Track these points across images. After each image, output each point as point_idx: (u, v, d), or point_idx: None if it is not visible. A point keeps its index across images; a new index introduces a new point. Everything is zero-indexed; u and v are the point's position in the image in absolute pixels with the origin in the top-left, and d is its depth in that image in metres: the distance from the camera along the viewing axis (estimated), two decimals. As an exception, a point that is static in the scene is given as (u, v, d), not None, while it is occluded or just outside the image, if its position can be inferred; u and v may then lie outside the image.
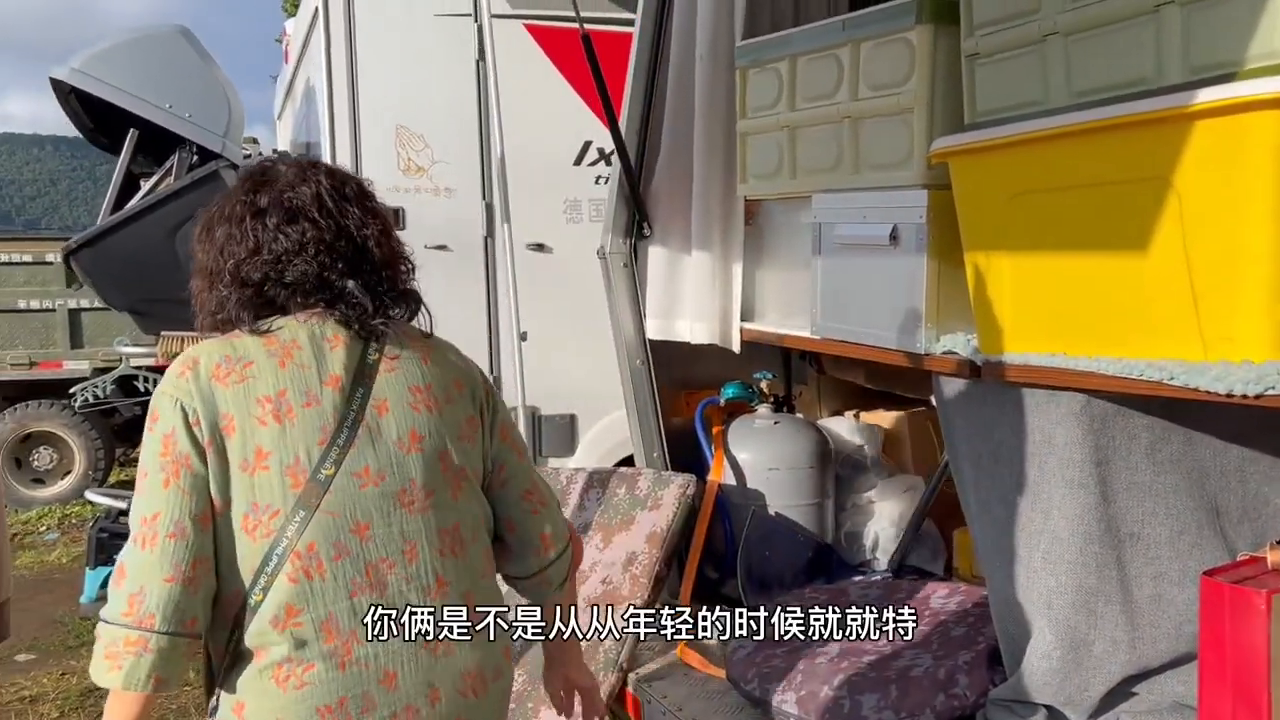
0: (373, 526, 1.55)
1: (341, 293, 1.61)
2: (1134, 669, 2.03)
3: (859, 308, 2.47)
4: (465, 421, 1.69)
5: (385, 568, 1.55)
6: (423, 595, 1.57)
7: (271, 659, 1.51)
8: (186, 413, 1.52)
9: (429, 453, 1.61)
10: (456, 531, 1.62)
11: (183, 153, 5.16)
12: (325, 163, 1.78)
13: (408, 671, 1.54)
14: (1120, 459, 1.98)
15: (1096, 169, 1.79)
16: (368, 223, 1.67)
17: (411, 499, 1.58)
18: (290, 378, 1.56)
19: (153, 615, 1.46)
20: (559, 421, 4.71)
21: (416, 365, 1.66)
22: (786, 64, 2.65)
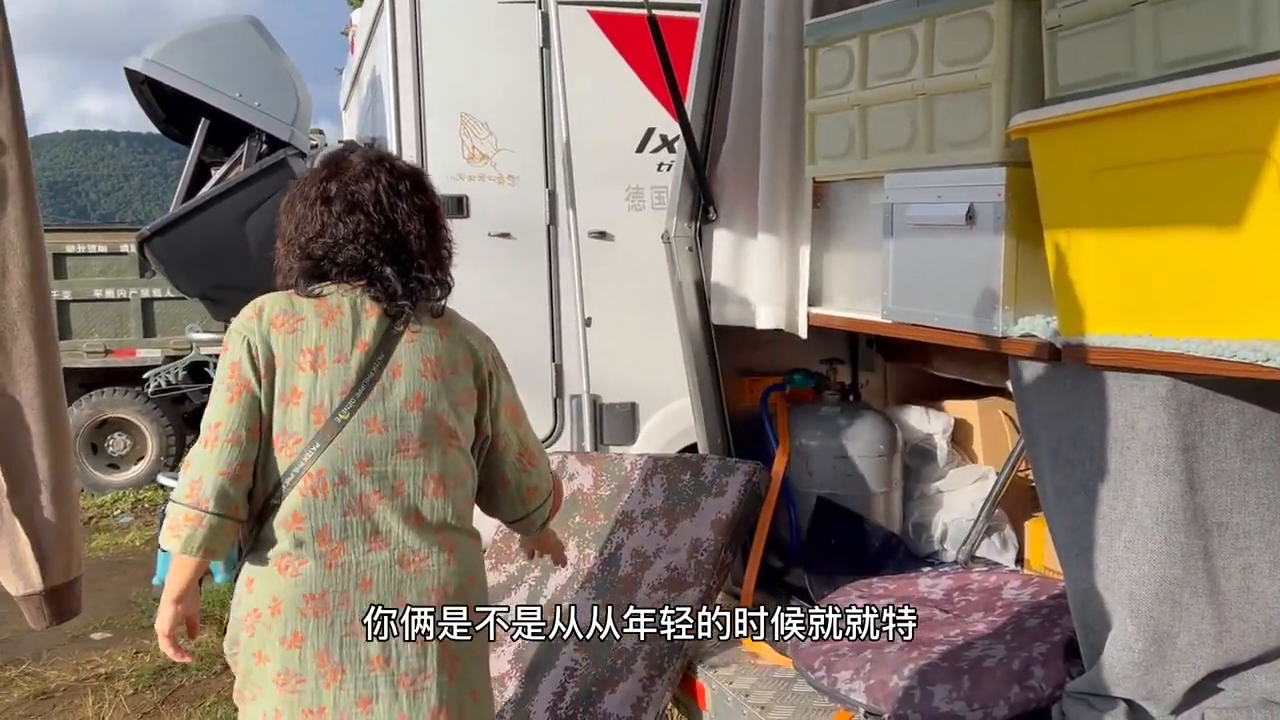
0: (372, 464, 1.92)
1: (380, 276, 1.97)
2: (1220, 663, 1.95)
3: (933, 290, 2.41)
4: (464, 392, 2.04)
5: (375, 498, 1.92)
6: (403, 524, 1.94)
7: (278, 550, 1.91)
8: (251, 347, 1.91)
9: (428, 413, 1.97)
10: (441, 479, 1.98)
11: (252, 141, 5.23)
12: (390, 157, 2.10)
13: (381, 580, 1.92)
14: (1209, 445, 1.90)
15: (1188, 142, 1.72)
16: (414, 217, 2.01)
17: (407, 447, 1.95)
18: (330, 336, 1.94)
19: (208, 500, 1.85)
20: (620, 410, 4.71)
21: (433, 340, 2.02)
22: (857, 42, 2.59)
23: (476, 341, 2.11)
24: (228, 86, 5.14)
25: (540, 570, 3.06)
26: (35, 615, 1.53)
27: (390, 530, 1.93)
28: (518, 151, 4.63)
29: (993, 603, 2.59)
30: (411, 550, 1.95)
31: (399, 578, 1.93)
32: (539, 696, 2.71)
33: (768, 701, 2.42)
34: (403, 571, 1.94)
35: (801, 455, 3.10)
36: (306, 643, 1.89)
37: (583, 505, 3.16)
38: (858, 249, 2.92)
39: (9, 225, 1.37)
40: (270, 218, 5.55)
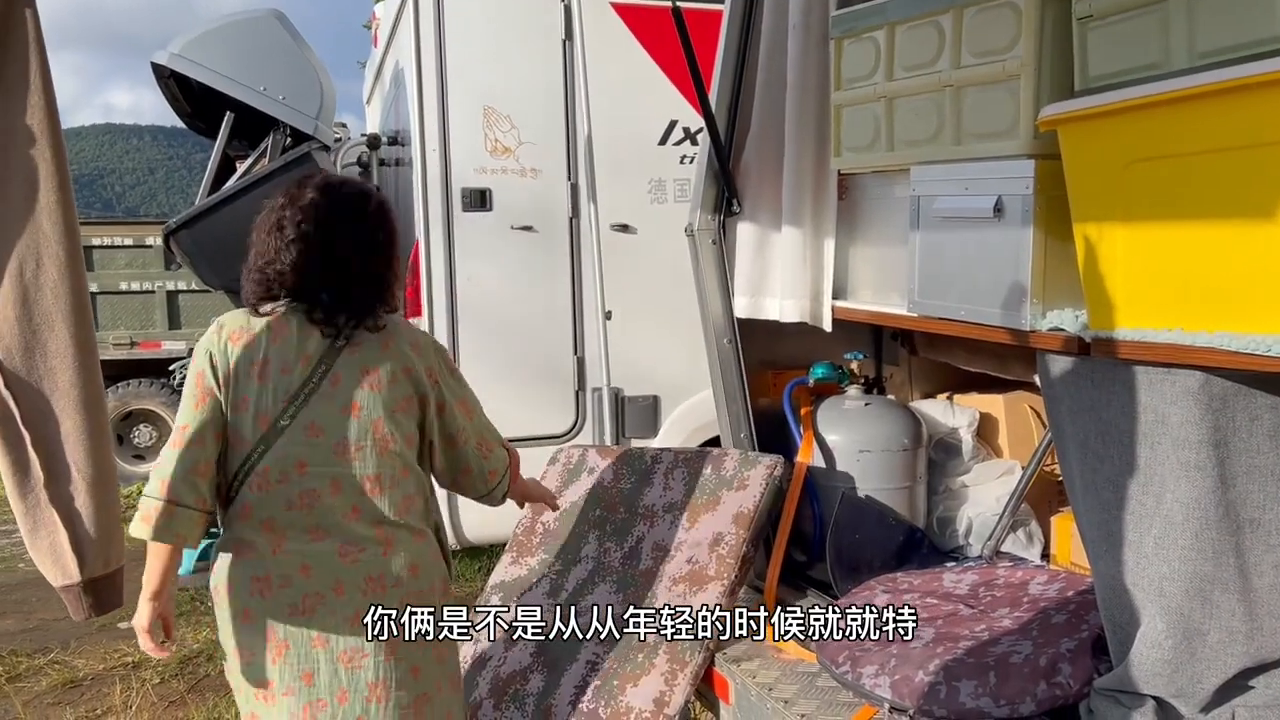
0: (310, 465, 2.15)
1: (317, 299, 2.20)
2: (1251, 661, 1.93)
3: (959, 284, 2.40)
4: (403, 400, 2.23)
5: (315, 495, 2.15)
6: (342, 519, 2.16)
7: (233, 536, 2.18)
8: (212, 358, 2.17)
9: (364, 419, 2.18)
10: (377, 479, 2.19)
11: (276, 135, 5.25)
12: (340, 186, 2.29)
13: (319, 568, 2.14)
14: (1241, 441, 1.88)
15: (1222, 134, 1.70)
16: (350, 246, 2.22)
17: (344, 450, 2.17)
18: (276, 350, 2.17)
19: (176, 493, 2.09)
20: (642, 403, 4.71)
21: (374, 352, 2.22)
22: (884, 33, 2.57)
23: (418, 353, 2.28)
24: (252, 80, 5.16)
25: (562, 564, 3.06)
26: (75, 606, 1.54)
27: (329, 524, 2.15)
28: (540, 144, 4.63)
29: (1019, 598, 2.57)
30: (349, 543, 2.16)
31: (337, 566, 2.15)
32: (561, 690, 2.71)
33: (791, 696, 2.41)
34: (340, 561, 2.15)
35: (825, 449, 3.08)
36: (255, 618, 2.15)
37: (603, 498, 3.16)
38: (883, 242, 2.90)
39: (42, 216, 1.38)
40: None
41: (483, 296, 4.57)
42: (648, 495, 3.09)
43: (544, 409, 4.64)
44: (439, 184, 4.49)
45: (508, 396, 4.60)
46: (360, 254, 2.22)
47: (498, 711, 2.75)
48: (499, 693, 2.78)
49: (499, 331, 4.60)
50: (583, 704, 2.65)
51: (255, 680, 2.17)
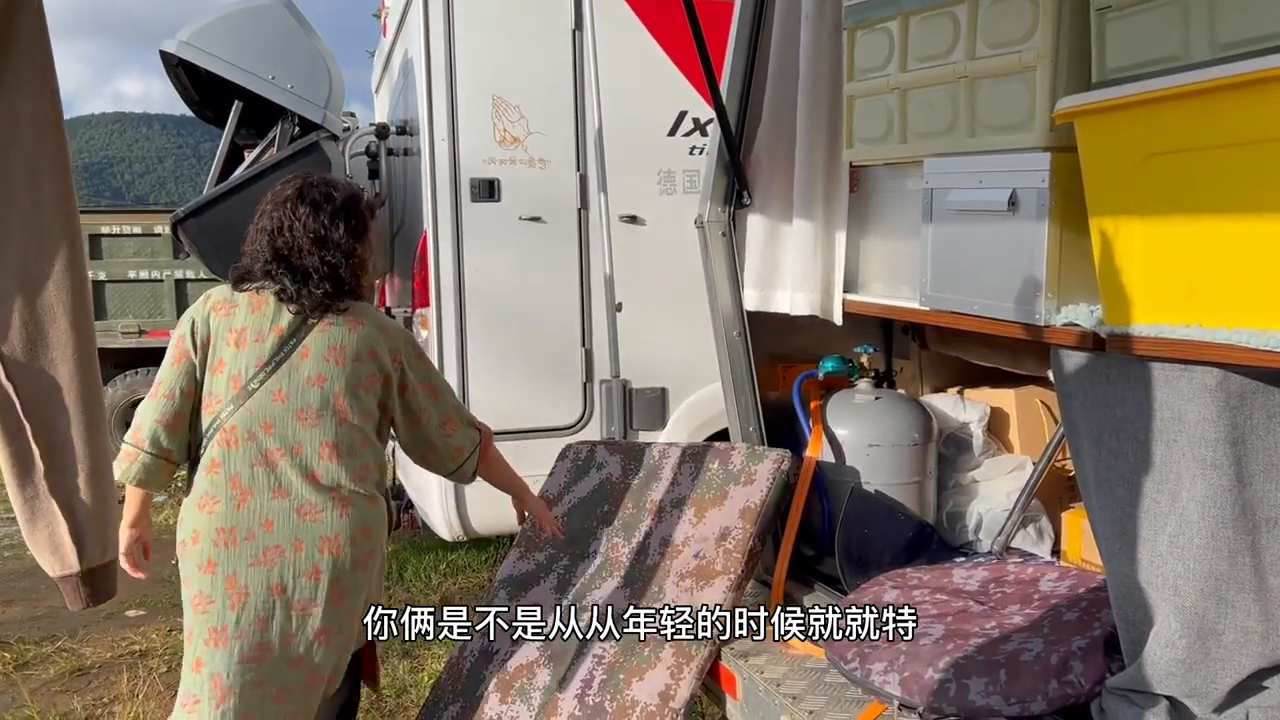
0: (275, 427, 2.37)
1: (281, 284, 2.43)
2: (1266, 661, 1.91)
3: (972, 277, 2.37)
4: (367, 377, 2.45)
5: (277, 455, 2.36)
6: (302, 480, 2.37)
7: (200, 490, 2.38)
8: (194, 325, 2.43)
9: (326, 390, 2.40)
10: (335, 447, 2.40)
11: (285, 124, 5.23)
12: (310, 184, 2.50)
13: (281, 524, 2.35)
14: (1258, 439, 1.85)
15: (1243, 127, 1.67)
16: (313, 240, 2.42)
17: (306, 417, 2.38)
18: (253, 321, 2.41)
19: (144, 441, 2.36)
20: (649, 395, 4.69)
21: (344, 332, 2.44)
22: (898, 23, 2.54)
23: (385, 336, 2.50)
24: (261, 69, 5.15)
25: (569, 559, 3.05)
26: (73, 596, 1.53)
27: (290, 484, 2.37)
28: (549, 135, 4.61)
29: (1030, 595, 2.55)
30: (308, 503, 2.37)
31: (296, 524, 2.36)
32: (567, 684, 2.70)
33: (799, 692, 2.40)
34: (299, 519, 2.36)
35: (834, 443, 3.06)
36: (218, 569, 2.34)
37: (611, 494, 3.14)
38: (895, 235, 2.88)
39: (45, 209, 1.37)
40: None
41: (491, 287, 4.55)
42: (655, 490, 3.08)
43: (551, 400, 4.62)
44: (448, 174, 4.47)
45: (515, 388, 4.59)
46: (315, 245, 2.43)
47: (504, 705, 2.75)
48: (505, 686, 2.78)
49: (507, 323, 4.59)
50: (589, 698, 2.64)
51: (211, 625, 2.34)
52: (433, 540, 5.46)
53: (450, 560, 5.61)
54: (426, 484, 4.74)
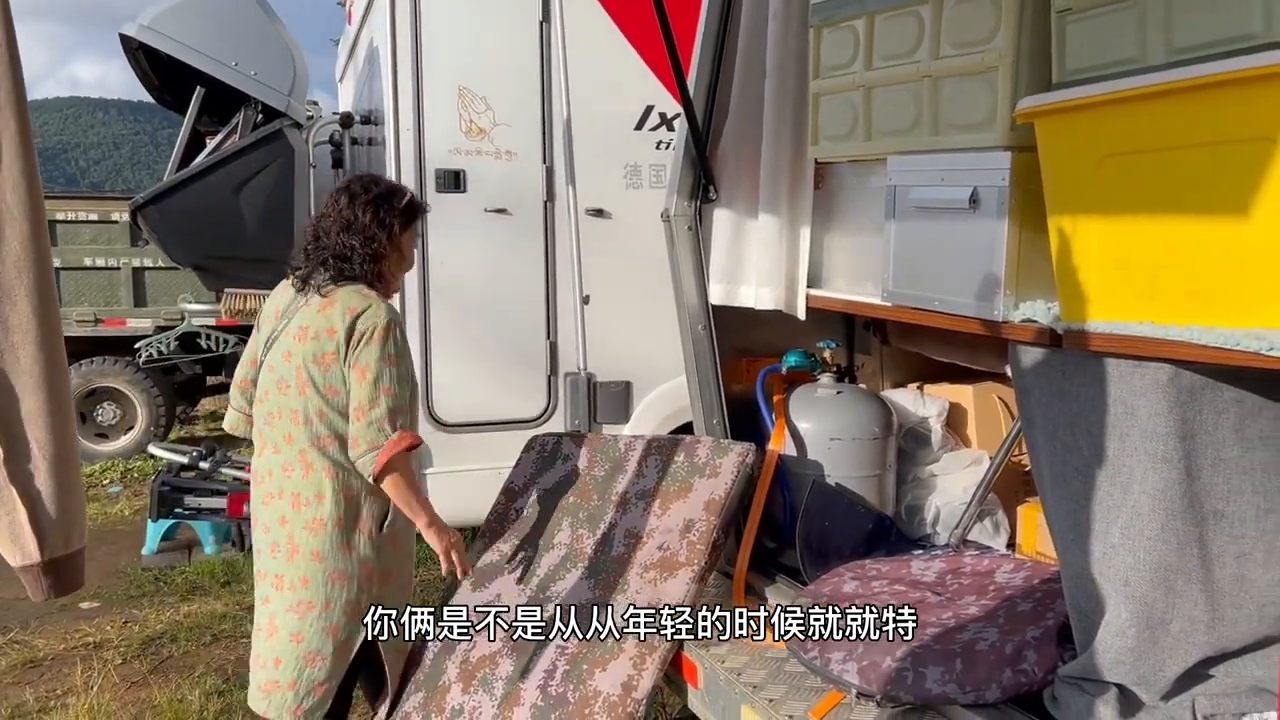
0: (269, 396, 2.73)
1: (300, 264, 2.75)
2: (1212, 650, 1.97)
3: (934, 273, 2.41)
4: (324, 354, 2.64)
5: (275, 418, 2.71)
6: (282, 441, 2.70)
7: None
8: (264, 304, 2.88)
9: (292, 365, 2.66)
10: (300, 415, 2.66)
11: (248, 111, 5.19)
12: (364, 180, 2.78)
13: (271, 479, 2.72)
14: (1207, 434, 1.91)
15: (1196, 129, 1.71)
16: (346, 227, 2.69)
17: (284, 388, 2.69)
18: (280, 301, 2.79)
19: (231, 398, 2.93)
20: (614, 389, 4.71)
21: (312, 312, 2.67)
22: (864, 22, 2.58)
23: (348, 317, 2.63)
24: (224, 55, 5.09)
25: (533, 551, 3.06)
26: (35, 587, 1.51)
27: (278, 444, 2.70)
28: (516, 126, 4.60)
29: (985, 586, 2.60)
30: (285, 461, 2.68)
31: (280, 479, 2.69)
32: (530, 674, 2.71)
33: (760, 681, 2.43)
34: (283, 475, 2.69)
35: (797, 436, 3.10)
36: (254, 501, 2.80)
37: (577, 486, 3.16)
38: (858, 231, 2.91)
39: (5, 188, 1.35)
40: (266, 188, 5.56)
41: (455, 279, 4.54)
42: (621, 482, 3.09)
43: (516, 393, 4.62)
44: (412, 164, 4.45)
45: (479, 380, 4.58)
46: (341, 229, 2.68)
47: (465, 695, 2.75)
48: (467, 677, 2.78)
49: (471, 315, 4.58)
50: (551, 688, 2.65)
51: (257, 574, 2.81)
52: (394, 532, 5.43)
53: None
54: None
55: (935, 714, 2.19)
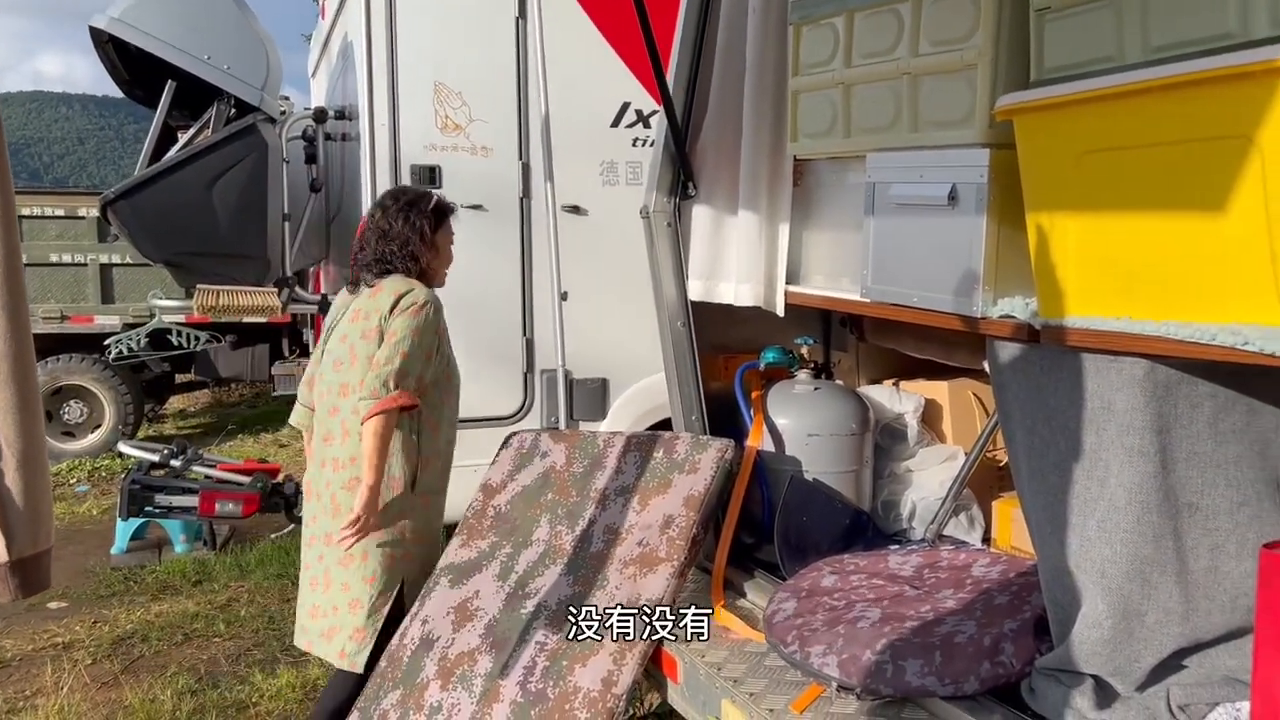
0: (325, 376, 3.09)
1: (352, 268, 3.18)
2: (1186, 641, 1.99)
3: (913, 270, 2.43)
4: (371, 329, 2.98)
5: (326, 394, 3.07)
6: (326, 416, 3.06)
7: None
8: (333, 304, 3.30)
9: (346, 344, 3.04)
10: (351, 385, 2.98)
11: (220, 105, 5.13)
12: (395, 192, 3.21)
13: (317, 445, 3.09)
14: (1182, 428, 1.94)
15: (1173, 127, 1.74)
16: (383, 235, 3.06)
17: (338, 366, 3.05)
18: (336, 304, 3.22)
19: (300, 393, 3.29)
20: (590, 385, 4.70)
21: (364, 299, 3.05)
22: (843, 19, 2.59)
23: (389, 298, 2.97)
24: (196, 48, 5.03)
25: (512, 547, 3.05)
26: (1, 588, 1.48)
27: (324, 419, 3.06)
28: (492, 123, 4.59)
29: (962, 580, 2.62)
30: (327, 432, 3.04)
31: (321, 448, 3.07)
32: (509, 671, 2.70)
33: (740, 675, 2.44)
34: (323, 446, 3.05)
35: (775, 433, 3.11)
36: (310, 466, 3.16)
37: (555, 482, 3.15)
38: (837, 228, 2.93)
39: (-28, 182, 1.32)
40: (239, 183, 5.49)
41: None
42: (600, 479, 3.09)
43: (492, 390, 4.60)
44: (388, 160, 4.43)
45: (455, 376, 4.56)
46: (379, 239, 3.05)
47: (444, 692, 2.74)
48: (446, 674, 2.77)
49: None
50: (531, 684, 2.65)
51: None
52: (368, 530, 5.40)
53: (386, 550, 5.55)
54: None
55: (915, 706, 2.20)
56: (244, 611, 4.88)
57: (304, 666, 4.18)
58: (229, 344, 8.80)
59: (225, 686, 4.04)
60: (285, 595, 5.10)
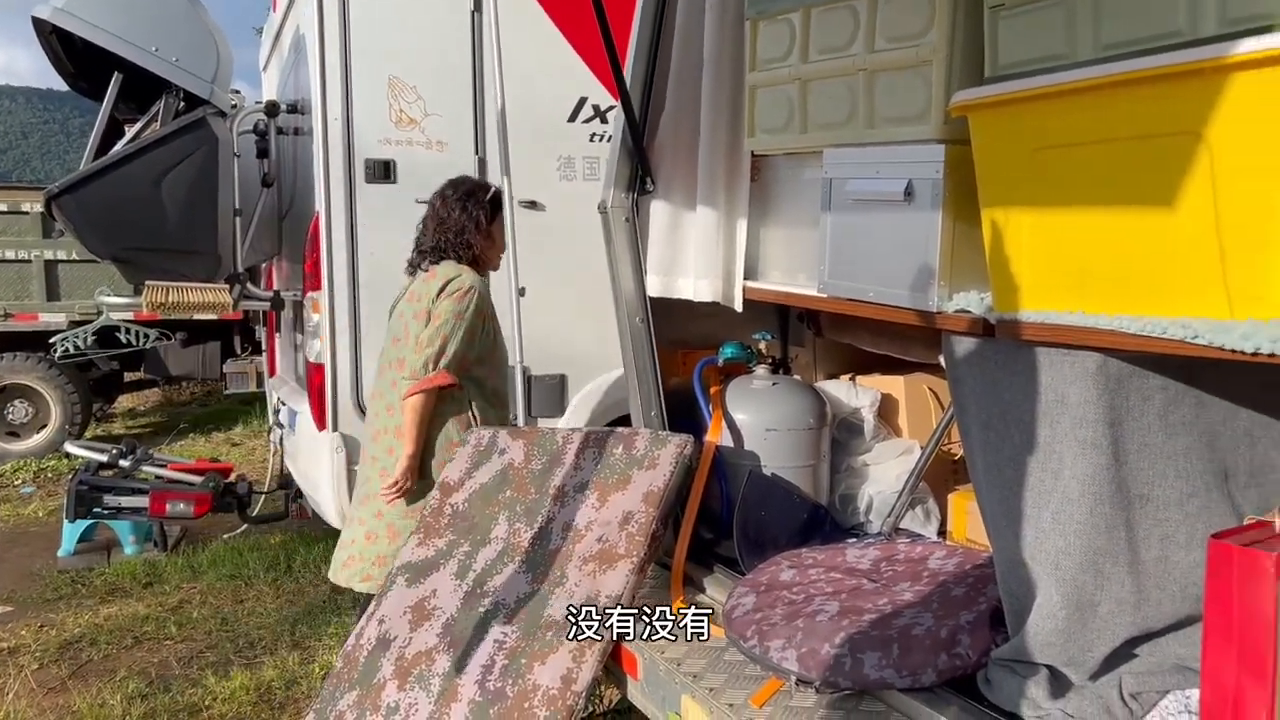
0: (385, 352, 3.49)
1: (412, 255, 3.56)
2: (1137, 630, 2.02)
3: (869, 265, 2.44)
4: (422, 310, 3.32)
5: (385, 369, 3.45)
6: (390, 385, 3.41)
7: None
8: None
9: (401, 322, 3.41)
10: (402, 362, 3.35)
11: (169, 98, 5.03)
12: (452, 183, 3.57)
13: (370, 417, 3.53)
14: (1134, 420, 1.96)
15: (1124, 123, 1.76)
16: (440, 224, 3.46)
17: (395, 342, 3.43)
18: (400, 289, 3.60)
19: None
20: (549, 382, 4.69)
21: (419, 282, 3.40)
22: (800, 15, 2.59)
23: (443, 281, 3.32)
24: (143, 40, 4.93)
25: (470, 545, 3.02)
26: None
27: (384, 389, 3.44)
28: (447, 117, 4.55)
29: (919, 573, 2.64)
30: (390, 402, 3.39)
31: (375, 420, 3.45)
32: (467, 670, 2.68)
33: (700, 670, 2.44)
34: (386, 414, 3.40)
35: (733, 428, 3.11)
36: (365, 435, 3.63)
37: (514, 479, 3.13)
38: (794, 223, 2.94)
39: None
40: (188, 177, 5.40)
41: (386, 272, 4.45)
42: (558, 475, 3.07)
43: (449, 387, 4.56)
44: (341, 154, 4.37)
45: (412, 374, 4.52)
46: (437, 227, 3.44)
47: (401, 692, 2.71)
48: (403, 673, 2.74)
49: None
50: (489, 683, 2.63)
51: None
52: (323, 530, 5.34)
53: (342, 550, 5.49)
54: (317, 472, 4.63)
55: (873, 699, 2.22)
56: (196, 613, 4.80)
57: (258, 668, 4.13)
58: (179, 342, 8.65)
59: (177, 690, 3.97)
60: (238, 596, 5.02)
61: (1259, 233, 1.58)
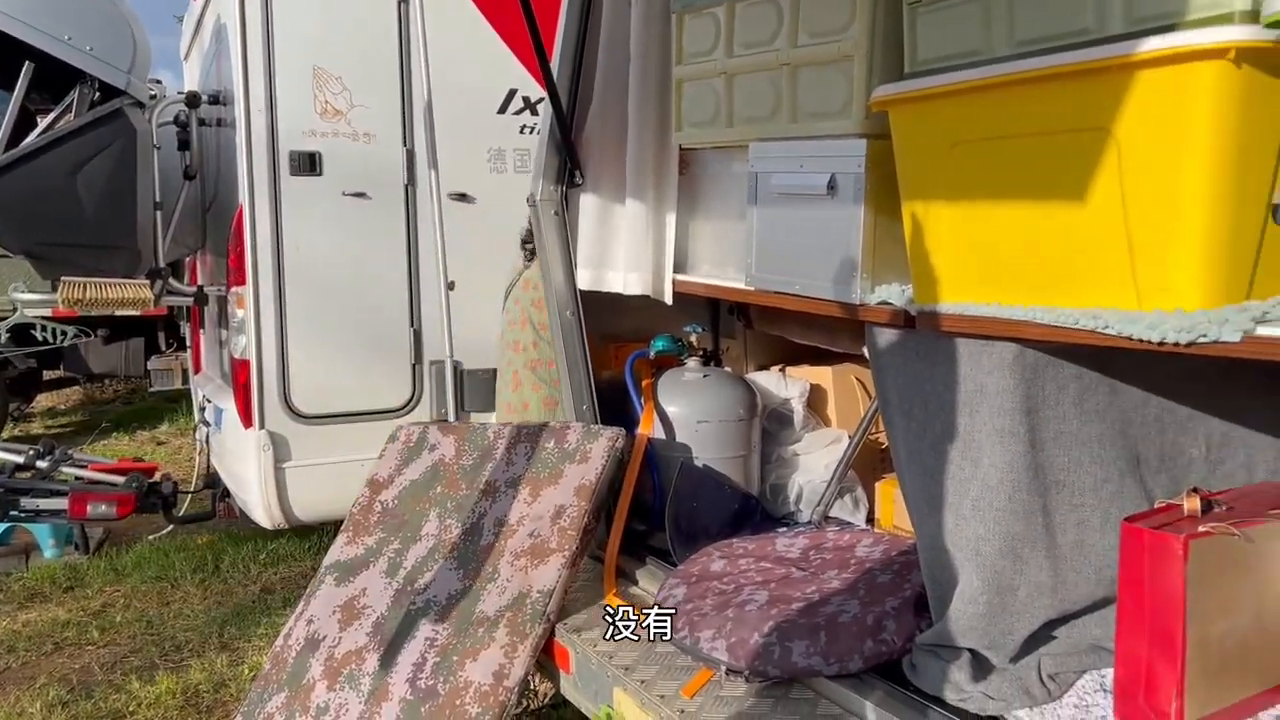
0: (505, 335, 3.49)
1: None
2: (1055, 613, 2.08)
3: (794, 258, 2.46)
4: (539, 299, 3.28)
5: (507, 348, 3.50)
6: (508, 365, 3.49)
7: None
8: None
9: (520, 307, 3.37)
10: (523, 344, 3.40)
11: (84, 88, 4.88)
12: None
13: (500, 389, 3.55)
14: (1049, 408, 2.01)
15: (1036, 119, 1.80)
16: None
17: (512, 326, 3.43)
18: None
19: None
20: (481, 376, 4.65)
21: (534, 270, 3.29)
22: (724, 9, 2.60)
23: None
24: (54, 28, 4.77)
25: (400, 542, 3.00)
26: None
27: (504, 368, 3.52)
28: (374, 108, 4.49)
29: (846, 560, 2.68)
30: (506, 381, 3.48)
31: (505, 394, 3.53)
32: (398, 668, 2.66)
33: (631, 663, 2.44)
34: (510, 393, 3.48)
35: (665, 420, 3.13)
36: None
37: (444, 475, 3.11)
38: (722, 217, 2.95)
39: None
40: (105, 170, 5.26)
41: (312, 265, 4.40)
42: (489, 471, 3.06)
43: (379, 382, 4.52)
44: (264, 146, 4.29)
45: (340, 370, 4.46)
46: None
47: (331, 693, 2.68)
48: (333, 673, 2.71)
49: (330, 302, 4.44)
50: (421, 681, 2.61)
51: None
52: (251, 529, 5.24)
53: (270, 550, 5.40)
54: (244, 470, 4.55)
55: (802, 686, 2.25)
56: (120, 617, 4.68)
57: (184, 672, 4.04)
58: (101, 338, 8.39)
59: (100, 696, 3.87)
60: (164, 598, 4.91)
61: (1164, 226, 1.63)
